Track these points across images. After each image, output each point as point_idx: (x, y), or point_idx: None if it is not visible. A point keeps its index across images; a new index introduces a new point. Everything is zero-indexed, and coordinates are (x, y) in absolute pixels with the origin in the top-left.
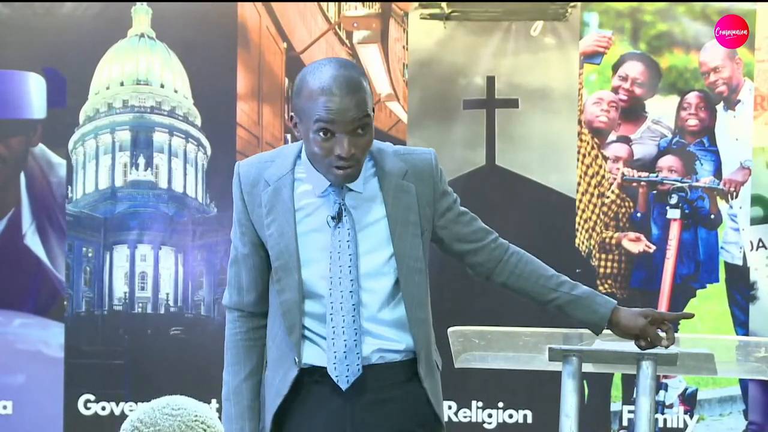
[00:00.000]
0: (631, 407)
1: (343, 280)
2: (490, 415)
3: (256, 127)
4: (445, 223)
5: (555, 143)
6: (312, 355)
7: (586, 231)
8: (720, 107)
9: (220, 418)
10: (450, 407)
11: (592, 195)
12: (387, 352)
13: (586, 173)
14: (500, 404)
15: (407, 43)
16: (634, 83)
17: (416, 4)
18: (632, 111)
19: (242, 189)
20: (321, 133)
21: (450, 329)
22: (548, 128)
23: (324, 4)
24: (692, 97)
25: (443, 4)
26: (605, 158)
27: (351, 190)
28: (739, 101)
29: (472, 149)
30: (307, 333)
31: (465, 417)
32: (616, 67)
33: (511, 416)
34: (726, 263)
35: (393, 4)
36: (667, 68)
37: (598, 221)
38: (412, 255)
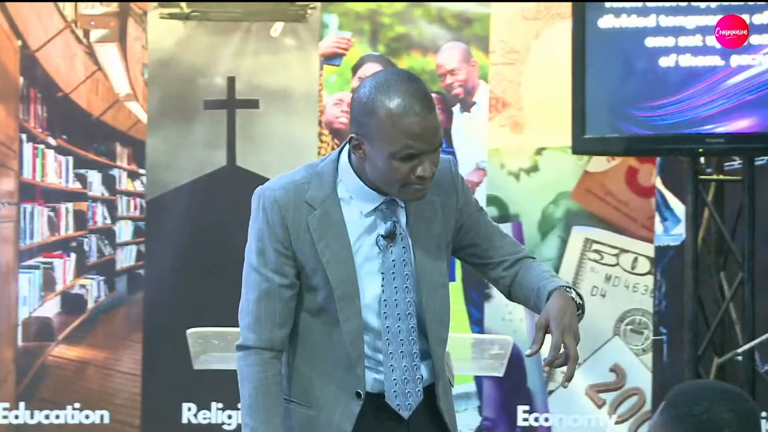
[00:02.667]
0: None
1: (400, 302)
2: (230, 416)
3: None
4: (468, 229)
5: (296, 144)
6: (369, 380)
7: None
8: (456, 109)
9: None
10: (189, 409)
11: None
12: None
13: None
14: (240, 405)
15: (146, 43)
16: None
17: (155, 3)
18: None
19: (283, 215)
20: (402, 156)
21: (189, 331)
22: (289, 129)
23: (60, 3)
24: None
25: (182, 4)
26: None
27: (401, 206)
28: (474, 103)
29: (212, 150)
30: (366, 362)
31: (205, 418)
32: (355, 69)
33: None
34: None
35: (131, 3)
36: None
37: None
38: (435, 269)
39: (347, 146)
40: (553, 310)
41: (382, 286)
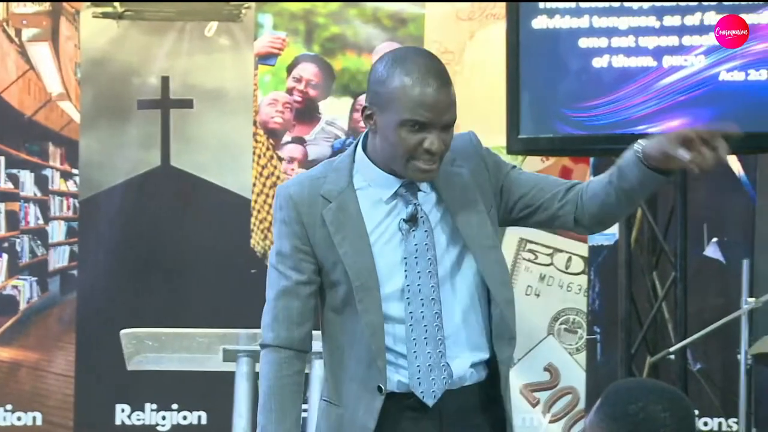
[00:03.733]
0: (305, 405)
1: (423, 287)
2: (164, 417)
3: None
4: (509, 186)
5: (230, 144)
6: (393, 379)
7: (262, 231)
8: None
9: None
10: (123, 410)
11: (267, 195)
12: (475, 365)
13: (261, 174)
14: (174, 406)
15: (79, 42)
16: (308, 85)
17: (88, 2)
18: (306, 112)
19: (298, 211)
20: (411, 125)
21: (122, 331)
22: (223, 129)
23: None
24: (364, 99)
25: (116, 3)
26: (280, 159)
27: (420, 189)
28: None
29: (146, 150)
30: (388, 356)
31: (139, 420)
32: (290, 69)
33: (185, 418)
34: None
35: (64, 2)
36: (341, 70)
37: None
38: (481, 233)
39: (362, 138)
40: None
41: (405, 271)
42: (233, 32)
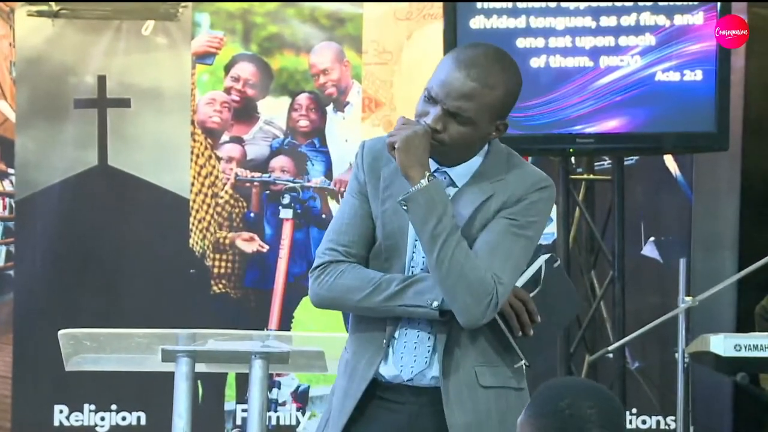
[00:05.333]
0: (245, 406)
1: (422, 263)
2: (102, 418)
3: None
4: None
5: (168, 143)
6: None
7: (201, 231)
8: (330, 108)
9: None
10: (62, 411)
11: (206, 195)
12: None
13: (199, 173)
14: (113, 406)
15: (14, 41)
16: (246, 84)
17: (23, 1)
18: (245, 112)
19: (364, 160)
20: (425, 94)
21: (60, 332)
22: (161, 128)
23: None
24: (303, 99)
25: (51, 2)
26: (219, 158)
27: (453, 184)
28: (348, 103)
29: (83, 149)
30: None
31: (77, 420)
32: (228, 68)
33: (124, 418)
34: None
35: None
36: (278, 70)
37: (212, 221)
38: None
39: None
40: None
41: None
42: (170, 31)
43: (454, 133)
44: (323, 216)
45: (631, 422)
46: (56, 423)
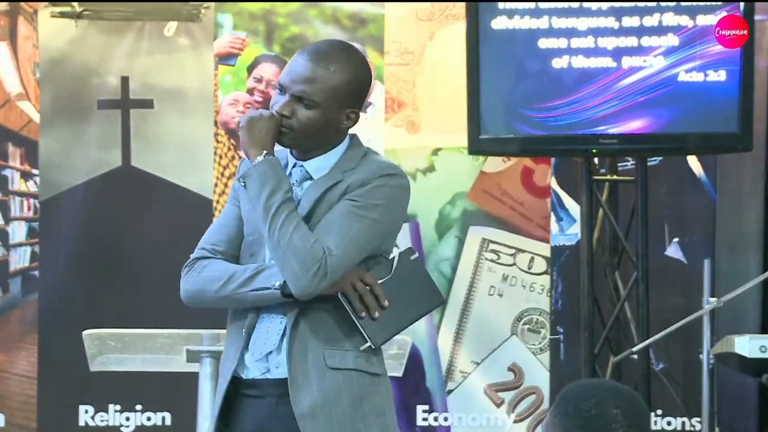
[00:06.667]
0: None
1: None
2: (128, 419)
3: None
4: None
5: (191, 144)
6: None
7: None
8: None
9: None
10: (87, 411)
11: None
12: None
13: (223, 174)
14: (138, 407)
15: (38, 42)
16: (268, 85)
17: (46, 2)
18: None
19: (240, 168)
20: (279, 86)
21: (85, 332)
22: (184, 129)
23: None
24: None
25: (74, 3)
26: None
27: (307, 172)
28: (370, 104)
29: (107, 150)
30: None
31: (102, 421)
32: (250, 69)
33: (149, 419)
34: None
35: (21, 2)
36: None
37: None
38: None
39: None
40: None
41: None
42: (193, 32)
43: (303, 118)
44: None
45: (656, 423)
46: (81, 423)
